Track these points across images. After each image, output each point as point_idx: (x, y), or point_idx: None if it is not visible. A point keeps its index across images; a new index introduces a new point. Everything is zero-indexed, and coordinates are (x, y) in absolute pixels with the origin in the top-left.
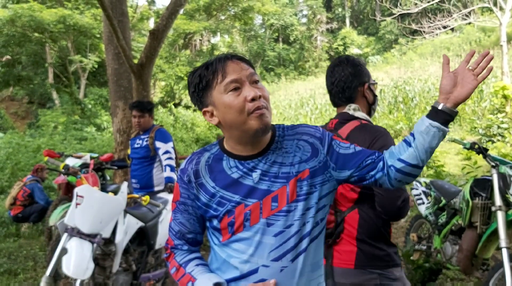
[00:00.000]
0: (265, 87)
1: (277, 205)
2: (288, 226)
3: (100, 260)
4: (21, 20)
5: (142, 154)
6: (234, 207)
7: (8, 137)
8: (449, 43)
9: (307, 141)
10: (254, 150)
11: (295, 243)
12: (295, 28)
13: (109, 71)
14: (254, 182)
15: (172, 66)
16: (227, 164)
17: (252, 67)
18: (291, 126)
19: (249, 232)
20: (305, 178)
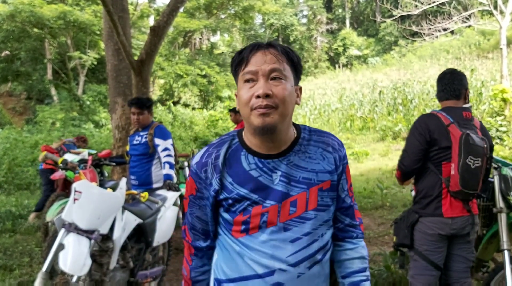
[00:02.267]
0: (288, 85)
1: (296, 210)
2: (305, 234)
3: (97, 256)
4: (21, 16)
5: (141, 150)
6: (251, 206)
7: (6, 133)
8: (448, 46)
9: (331, 154)
10: (275, 149)
11: (313, 252)
12: (295, 28)
13: (108, 67)
14: (273, 184)
15: (172, 64)
16: (246, 160)
17: (289, 60)
18: (318, 131)
19: (265, 234)
20: (326, 189)
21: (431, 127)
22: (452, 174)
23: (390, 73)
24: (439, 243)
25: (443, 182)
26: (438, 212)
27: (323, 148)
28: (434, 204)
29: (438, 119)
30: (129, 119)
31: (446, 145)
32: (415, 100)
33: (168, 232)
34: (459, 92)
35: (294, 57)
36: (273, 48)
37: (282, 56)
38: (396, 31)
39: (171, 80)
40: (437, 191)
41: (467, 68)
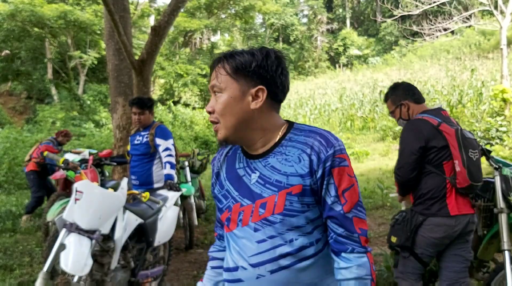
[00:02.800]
0: (223, 98)
1: (264, 212)
2: (270, 237)
3: (98, 256)
4: (21, 15)
5: (142, 150)
6: (233, 203)
7: (6, 132)
8: (449, 46)
9: (309, 156)
10: (257, 150)
11: (276, 257)
12: (296, 28)
13: (109, 67)
14: (251, 183)
15: (172, 64)
16: (238, 159)
17: (231, 67)
18: (308, 131)
19: (239, 231)
20: (296, 194)
21: (424, 132)
22: (458, 170)
23: (390, 73)
24: (439, 247)
25: (448, 181)
26: (444, 212)
27: (302, 150)
28: (439, 204)
29: (427, 122)
30: (130, 119)
31: (443, 144)
32: None
33: (169, 232)
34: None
35: (235, 61)
36: (217, 63)
37: (221, 68)
38: (397, 31)
39: (171, 79)
40: (443, 191)
41: (468, 68)
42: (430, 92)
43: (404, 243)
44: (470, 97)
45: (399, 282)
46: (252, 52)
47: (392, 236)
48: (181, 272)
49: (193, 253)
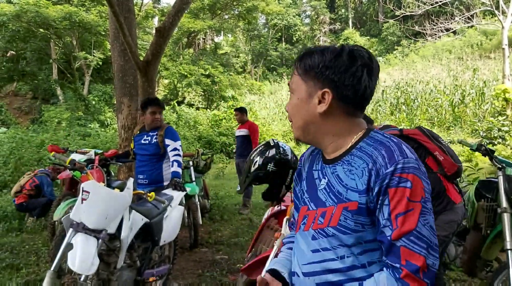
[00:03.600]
0: (293, 99)
1: (322, 222)
2: (324, 249)
3: (105, 255)
4: (26, 16)
5: (152, 151)
6: (301, 205)
7: (12, 132)
8: (451, 46)
9: (370, 171)
10: (330, 154)
11: (325, 270)
12: (298, 28)
13: (114, 68)
14: (318, 189)
15: (176, 64)
16: (317, 160)
17: (302, 68)
18: (379, 141)
19: (301, 236)
20: (351, 211)
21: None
22: (442, 159)
23: (392, 73)
24: (446, 244)
25: (439, 175)
26: (451, 204)
27: (366, 163)
28: (446, 200)
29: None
30: (135, 119)
31: (415, 146)
32: (418, 99)
33: (174, 231)
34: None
35: (307, 62)
36: (295, 62)
37: (296, 68)
38: (399, 31)
39: (175, 80)
40: (442, 187)
41: (470, 68)
42: (433, 92)
43: None
44: (472, 97)
45: None
46: (323, 51)
47: None
48: (186, 271)
49: (198, 252)
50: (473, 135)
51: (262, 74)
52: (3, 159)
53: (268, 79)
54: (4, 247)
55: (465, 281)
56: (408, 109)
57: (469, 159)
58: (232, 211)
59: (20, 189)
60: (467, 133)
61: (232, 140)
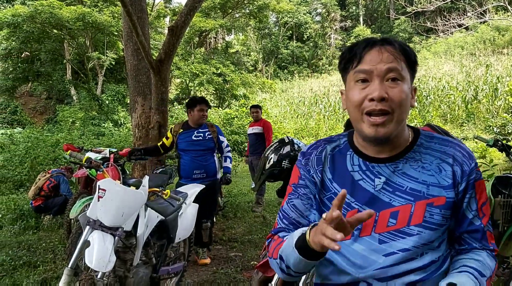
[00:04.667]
0: (405, 87)
1: (395, 222)
2: (402, 250)
3: (121, 253)
4: (40, 17)
5: (208, 145)
6: (346, 210)
7: (27, 132)
8: (463, 42)
9: (451, 166)
10: (384, 153)
11: (406, 271)
12: (309, 26)
13: (128, 67)
14: (374, 189)
15: (188, 64)
16: (350, 160)
17: (407, 58)
18: (442, 139)
19: (358, 243)
20: (438, 206)
21: None
22: None
23: None
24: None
25: None
26: None
27: (442, 159)
28: None
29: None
30: (149, 118)
31: None
32: (430, 96)
33: (189, 229)
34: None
35: (412, 55)
36: (389, 45)
37: (399, 54)
38: (410, 27)
39: (187, 79)
40: None
41: (482, 64)
42: (445, 88)
43: None
44: (485, 93)
45: None
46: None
47: None
48: (200, 268)
49: (212, 249)
50: (486, 132)
51: (273, 72)
52: (19, 158)
53: (279, 77)
54: (21, 245)
55: None
56: (421, 105)
57: (483, 156)
58: (245, 208)
59: (39, 191)
60: (481, 130)
61: (244, 138)
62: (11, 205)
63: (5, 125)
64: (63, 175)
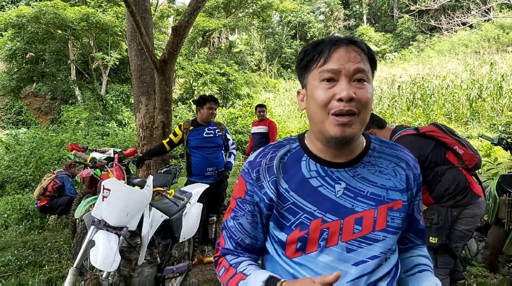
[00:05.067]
0: (370, 89)
1: (361, 229)
2: (372, 258)
3: (126, 252)
4: (45, 18)
5: (218, 142)
6: (309, 220)
7: (32, 132)
8: (467, 40)
9: (404, 170)
10: (341, 158)
11: (377, 279)
12: (313, 25)
13: (132, 67)
14: (336, 196)
15: (191, 63)
16: (306, 166)
17: (371, 59)
18: (391, 144)
19: (325, 254)
20: (397, 210)
21: (415, 145)
22: (462, 152)
23: (408, 68)
24: (468, 238)
25: (461, 168)
26: (475, 198)
27: (396, 163)
28: (469, 194)
29: (409, 135)
30: (153, 117)
31: (434, 143)
32: (434, 95)
33: (193, 228)
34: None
35: (374, 56)
36: (355, 45)
37: (363, 54)
38: (414, 26)
39: (191, 79)
40: (463, 181)
41: (487, 62)
42: (449, 87)
43: (445, 241)
44: (490, 91)
45: None
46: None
47: (431, 237)
48: (205, 268)
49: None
50: (491, 130)
51: (276, 72)
52: (24, 158)
53: (283, 76)
54: (26, 245)
55: (487, 277)
56: (425, 104)
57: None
58: None
59: (43, 191)
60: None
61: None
62: (16, 205)
63: (10, 125)
64: (67, 176)
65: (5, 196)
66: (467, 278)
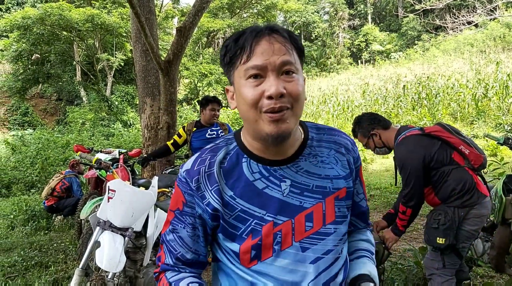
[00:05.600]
0: (301, 80)
1: (312, 225)
2: (326, 252)
3: (131, 253)
4: (50, 19)
5: None
6: (260, 225)
7: (38, 133)
8: (473, 39)
9: (344, 155)
10: (282, 154)
11: (335, 273)
12: (317, 25)
13: (137, 68)
14: (283, 195)
15: (196, 64)
16: (248, 168)
17: (296, 48)
18: (327, 129)
19: (281, 258)
20: (343, 198)
21: (420, 145)
22: (467, 152)
23: (413, 67)
24: (475, 238)
25: (467, 168)
26: (481, 198)
27: (336, 149)
28: (476, 194)
29: (415, 135)
30: (158, 118)
31: (439, 143)
32: (439, 94)
33: None
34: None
35: (300, 43)
36: (277, 34)
37: (289, 43)
38: (419, 25)
39: (195, 79)
40: (470, 181)
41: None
42: (455, 86)
43: (452, 241)
44: (496, 91)
45: (434, 278)
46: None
47: (438, 238)
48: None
49: None
50: (497, 129)
51: None
52: (30, 160)
53: None
54: (33, 245)
55: (493, 277)
56: (430, 104)
57: (494, 154)
58: None
59: (51, 191)
60: (491, 127)
61: None
62: (22, 206)
63: (16, 126)
64: (75, 176)
65: (12, 197)
66: (473, 279)
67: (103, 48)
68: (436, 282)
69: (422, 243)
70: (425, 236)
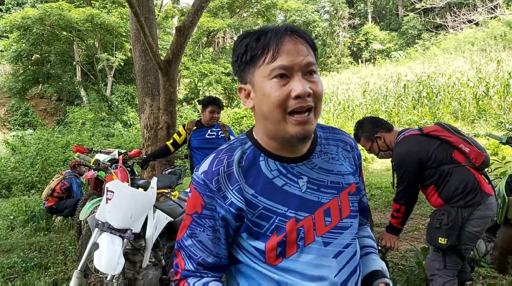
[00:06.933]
0: (320, 79)
1: (331, 220)
2: (345, 246)
3: (130, 255)
4: (50, 19)
5: (221, 144)
6: (284, 222)
7: (38, 134)
8: (473, 38)
9: (350, 153)
10: (296, 152)
11: (355, 266)
12: (317, 24)
13: (136, 68)
14: (301, 192)
15: (196, 63)
16: (266, 166)
17: (313, 49)
18: (330, 128)
19: (305, 253)
20: (354, 193)
21: (418, 144)
22: (468, 151)
23: (414, 66)
24: (478, 239)
25: (469, 167)
26: (484, 198)
27: (342, 147)
28: (479, 193)
29: (413, 135)
30: (158, 118)
31: (438, 142)
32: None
33: None
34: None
35: (315, 43)
36: (298, 35)
37: (307, 44)
38: (419, 24)
39: (196, 79)
40: (472, 180)
41: (493, 60)
42: (456, 85)
43: (455, 242)
44: (497, 89)
45: (435, 279)
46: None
47: (440, 238)
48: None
49: None
50: (498, 128)
51: None
52: (30, 160)
53: None
54: (32, 246)
55: (495, 278)
56: (431, 103)
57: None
58: None
59: (51, 192)
60: (492, 126)
61: None
62: (22, 206)
63: (17, 127)
64: (75, 177)
65: (11, 198)
66: (475, 279)
67: (103, 48)
68: (438, 282)
69: (424, 243)
70: (427, 236)
